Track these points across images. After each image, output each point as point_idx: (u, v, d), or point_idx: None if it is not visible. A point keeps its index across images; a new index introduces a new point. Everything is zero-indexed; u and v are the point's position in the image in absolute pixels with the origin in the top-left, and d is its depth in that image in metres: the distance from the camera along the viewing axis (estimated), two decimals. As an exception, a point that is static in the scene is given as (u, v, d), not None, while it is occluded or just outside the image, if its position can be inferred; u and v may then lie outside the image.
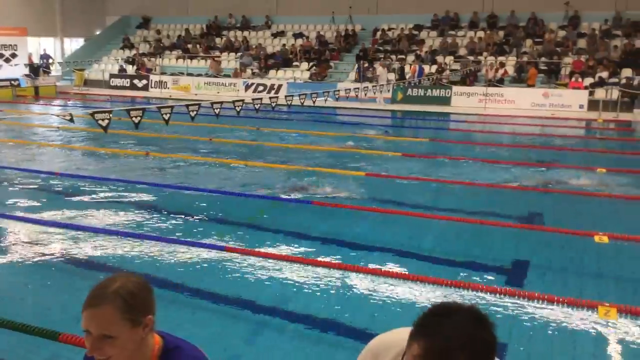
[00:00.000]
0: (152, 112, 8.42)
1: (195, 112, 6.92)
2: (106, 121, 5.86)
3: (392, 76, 24.64)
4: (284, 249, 6.42)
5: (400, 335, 1.47)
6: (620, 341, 4.51)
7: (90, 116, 6.12)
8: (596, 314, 4.82)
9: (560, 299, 5.06)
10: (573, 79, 21.92)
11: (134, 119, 6.15)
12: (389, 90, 22.74)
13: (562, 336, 4.57)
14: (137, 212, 7.89)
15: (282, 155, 12.25)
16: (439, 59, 25.37)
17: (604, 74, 21.83)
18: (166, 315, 4.88)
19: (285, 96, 10.06)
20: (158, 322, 1.90)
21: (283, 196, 8.77)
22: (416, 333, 1.36)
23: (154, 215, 7.74)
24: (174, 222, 7.46)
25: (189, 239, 6.66)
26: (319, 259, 6.09)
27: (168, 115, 6.56)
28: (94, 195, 8.81)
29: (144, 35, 34.50)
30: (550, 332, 4.63)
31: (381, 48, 27.61)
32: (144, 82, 28.54)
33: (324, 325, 4.81)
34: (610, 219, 7.84)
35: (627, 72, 21.93)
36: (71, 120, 6.52)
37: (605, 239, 6.64)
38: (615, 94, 20.02)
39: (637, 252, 6.59)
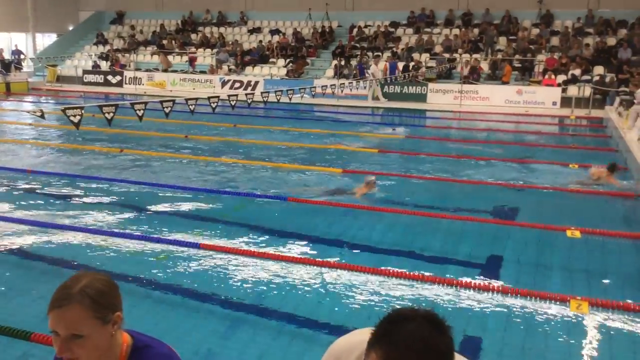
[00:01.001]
0: (126, 108, 8.32)
1: (169, 109, 6.84)
2: (78, 117, 5.76)
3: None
4: (260, 246, 6.40)
5: (361, 336, 1.45)
6: (592, 334, 4.59)
7: (62, 112, 6.01)
8: (568, 308, 4.90)
9: (534, 293, 5.13)
10: (546, 76, 22.23)
11: (106, 115, 6.05)
12: (364, 87, 22.79)
13: (536, 329, 4.64)
14: (110, 209, 7.79)
15: (259, 152, 12.21)
16: (415, 56, 25.51)
17: (577, 72, 22.17)
18: (141, 313, 4.85)
19: (262, 93, 10.01)
20: (133, 320, 1.88)
21: (259, 192, 8.74)
22: (373, 342, 1.35)
23: (128, 213, 7.66)
24: (148, 219, 7.39)
25: (164, 236, 6.60)
26: (295, 255, 6.08)
27: (142, 111, 6.47)
28: (66, 193, 8.68)
29: (117, 31, 34.06)
30: (524, 325, 4.69)
31: (358, 45, 27.65)
32: (118, 78, 28.18)
33: (300, 321, 4.81)
34: (582, 214, 7.97)
35: (599, 70, 22.30)
36: (42, 116, 6.40)
37: (577, 234, 6.75)
38: (587, 91, 20.35)
39: (608, 246, 6.71)
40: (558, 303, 4.99)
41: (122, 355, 1.83)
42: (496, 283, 5.46)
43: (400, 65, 24.48)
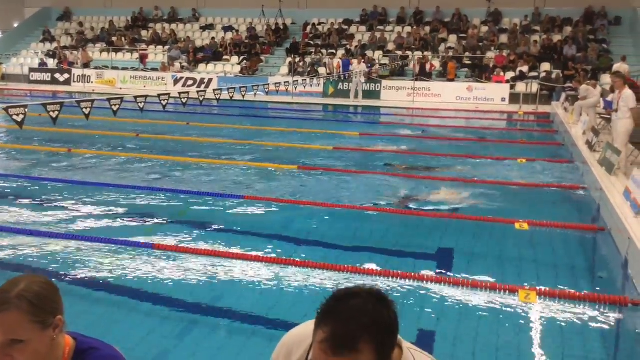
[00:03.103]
0: (73, 107, 8.09)
1: (117, 107, 6.68)
2: (21, 116, 5.56)
3: (322, 70, 24.77)
4: (215, 245, 6.34)
5: (312, 327, 1.46)
6: (540, 322, 4.73)
7: (4, 111, 5.80)
8: (517, 298, 5.04)
9: (484, 284, 5.26)
10: (495, 73, 22.73)
11: (51, 113, 5.86)
12: (318, 85, 22.80)
13: (487, 320, 4.75)
14: (58, 210, 7.58)
15: (213, 150, 12.08)
16: (369, 53, 25.70)
17: (524, 68, 22.77)
18: (93, 317, 4.74)
19: (214, 90, 9.89)
20: (83, 325, 1.84)
21: (213, 191, 8.65)
22: (320, 320, 1.36)
23: (78, 214, 7.46)
24: (99, 220, 7.22)
25: (115, 237, 6.46)
26: (251, 253, 6.05)
27: (88, 109, 6.30)
28: (10, 194, 8.39)
29: (65, 28, 33.12)
30: (475, 316, 4.80)
31: (312, 42, 27.67)
32: (66, 76, 27.41)
33: (257, 320, 4.79)
34: (530, 207, 8.19)
35: (545, 67, 22.97)
36: (-16, 116, 6.17)
37: (525, 226, 6.95)
38: (535, 87, 20.93)
39: (555, 237, 6.93)
40: (507, 293, 5.12)
41: (64, 359, 1.78)
42: (448, 275, 5.57)
43: (355, 62, 24.58)
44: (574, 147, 11.92)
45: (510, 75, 22.76)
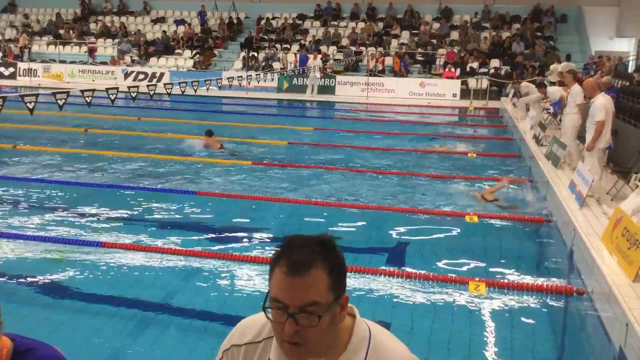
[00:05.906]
0: (18, 101, 7.81)
1: (63, 101, 6.49)
2: (-39, 111, 5.33)
3: (277, 65, 24.65)
4: (168, 242, 6.23)
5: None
6: (489, 312, 4.86)
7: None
8: (468, 289, 5.15)
9: (436, 277, 5.35)
10: (447, 69, 23.11)
11: (-8, 108, 5.64)
12: (273, 79, 22.68)
13: (440, 311, 4.85)
14: (4, 209, 7.31)
15: (165, 146, 11.87)
16: (323, 48, 25.72)
17: (475, 65, 23.23)
18: (38, 320, 4.60)
19: (165, 84, 9.72)
20: (32, 326, 1.77)
21: (166, 187, 8.51)
22: (277, 257, 1.46)
23: (22, 212, 7.22)
24: (46, 218, 7.00)
25: (62, 236, 6.28)
26: (205, 250, 5.98)
27: (32, 104, 6.10)
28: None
29: (10, 20, 31.90)
30: (428, 307, 4.89)
31: (266, 37, 27.50)
32: (11, 70, 26.43)
33: (210, 317, 4.76)
34: (480, 200, 8.36)
35: (495, 63, 23.48)
36: None
37: (475, 219, 7.10)
38: (484, 83, 21.39)
39: (504, 229, 7.11)
40: (458, 285, 5.23)
41: None
42: (400, 268, 5.63)
43: (311, 57, 24.55)
44: (522, 141, 12.24)
45: (461, 71, 23.15)
